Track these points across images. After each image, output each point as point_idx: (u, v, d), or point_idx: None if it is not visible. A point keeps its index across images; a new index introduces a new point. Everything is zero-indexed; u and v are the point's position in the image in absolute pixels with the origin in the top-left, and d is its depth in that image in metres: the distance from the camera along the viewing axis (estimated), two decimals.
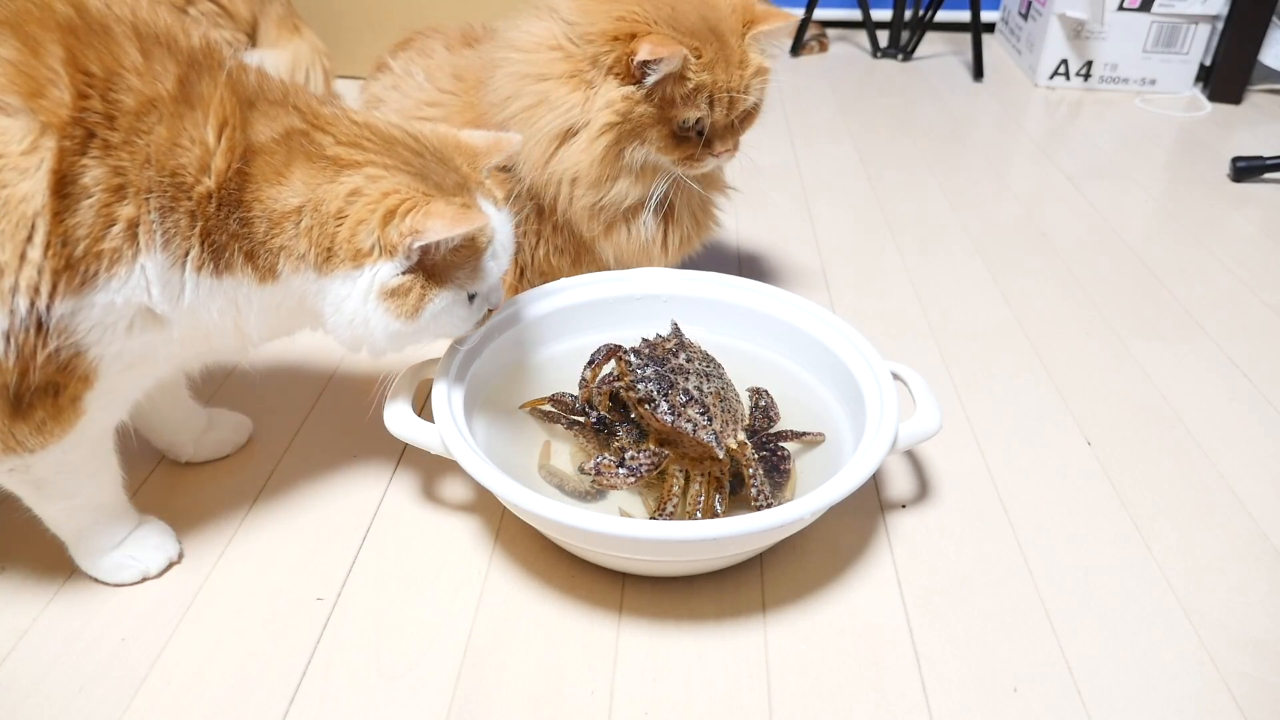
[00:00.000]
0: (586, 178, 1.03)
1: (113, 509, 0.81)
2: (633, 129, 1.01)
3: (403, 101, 1.18)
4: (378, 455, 0.98)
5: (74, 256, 0.65)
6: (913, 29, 2.51)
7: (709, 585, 0.84)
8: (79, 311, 0.66)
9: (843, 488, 0.77)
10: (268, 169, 0.71)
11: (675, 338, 0.92)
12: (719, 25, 1.01)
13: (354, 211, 0.71)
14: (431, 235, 0.71)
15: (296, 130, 0.73)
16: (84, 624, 0.79)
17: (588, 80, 1.00)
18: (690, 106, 1.01)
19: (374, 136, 0.76)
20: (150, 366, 0.75)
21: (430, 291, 0.75)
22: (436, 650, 0.77)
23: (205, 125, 0.68)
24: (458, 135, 0.83)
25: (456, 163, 0.80)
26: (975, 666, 0.77)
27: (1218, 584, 0.86)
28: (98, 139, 0.65)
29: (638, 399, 0.84)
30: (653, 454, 0.82)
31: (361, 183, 0.72)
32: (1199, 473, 1.00)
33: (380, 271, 0.73)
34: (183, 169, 0.67)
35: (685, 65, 0.98)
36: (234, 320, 0.74)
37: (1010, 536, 0.91)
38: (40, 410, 0.69)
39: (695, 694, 0.74)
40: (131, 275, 0.67)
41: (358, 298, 0.73)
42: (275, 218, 0.71)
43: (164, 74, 0.68)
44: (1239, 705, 0.74)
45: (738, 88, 1.03)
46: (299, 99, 0.75)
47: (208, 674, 0.75)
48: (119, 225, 0.66)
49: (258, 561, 0.85)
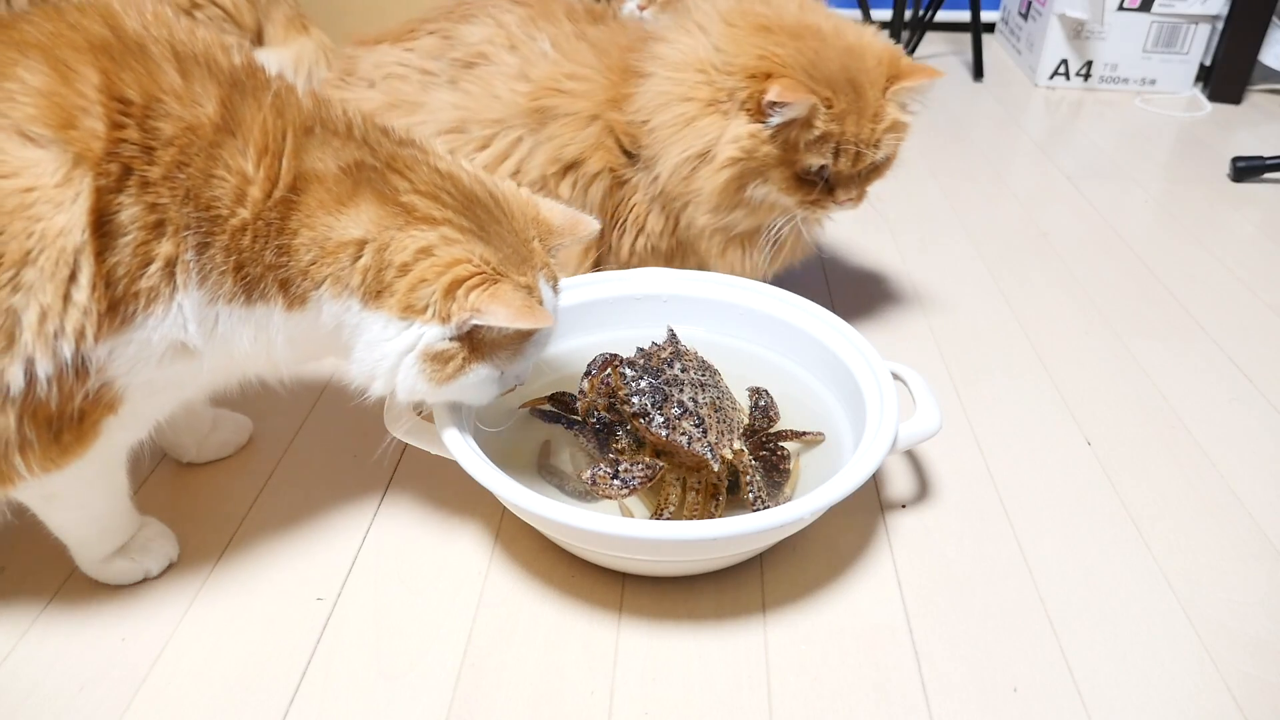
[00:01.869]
0: (708, 202, 1.05)
1: (118, 516, 0.81)
2: (756, 167, 1.02)
3: (529, 68, 1.14)
4: (378, 455, 0.98)
5: (115, 297, 0.64)
6: (913, 29, 2.51)
7: (709, 585, 0.84)
8: (116, 349, 0.66)
9: (843, 488, 0.77)
10: (326, 197, 0.68)
11: (671, 346, 0.92)
12: (859, 77, 1.01)
13: (419, 269, 0.69)
14: (491, 319, 0.70)
15: (368, 165, 0.70)
16: (84, 624, 0.79)
17: (724, 110, 1.02)
18: (815, 153, 1.01)
19: (455, 191, 0.73)
20: (176, 392, 0.75)
21: (470, 364, 0.73)
22: (436, 650, 0.77)
23: (245, 153, 0.66)
24: (537, 206, 0.80)
25: (529, 234, 0.77)
26: (975, 666, 0.77)
27: (1218, 584, 0.86)
28: (135, 175, 0.63)
29: (632, 413, 0.84)
30: (646, 466, 0.82)
31: (435, 241, 0.70)
32: (1199, 473, 1.00)
33: (428, 334, 0.71)
34: (218, 201, 0.66)
35: (813, 113, 0.98)
36: (265, 348, 0.72)
37: (1010, 536, 0.91)
38: (67, 435, 0.68)
39: (695, 694, 0.74)
40: (169, 313, 0.66)
41: (397, 348, 0.71)
42: (330, 246, 0.68)
43: (205, 97, 0.66)
44: (1239, 705, 0.74)
45: (867, 140, 1.03)
46: (370, 134, 0.73)
47: (208, 674, 0.75)
48: (156, 264, 0.64)
49: (258, 561, 0.85)
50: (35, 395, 0.64)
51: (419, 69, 1.21)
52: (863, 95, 1.01)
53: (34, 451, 0.67)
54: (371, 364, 0.73)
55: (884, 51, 1.05)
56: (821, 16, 1.06)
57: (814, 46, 1.00)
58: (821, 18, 1.06)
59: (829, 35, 1.03)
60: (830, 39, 1.02)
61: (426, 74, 1.20)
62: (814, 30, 1.03)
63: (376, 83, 1.22)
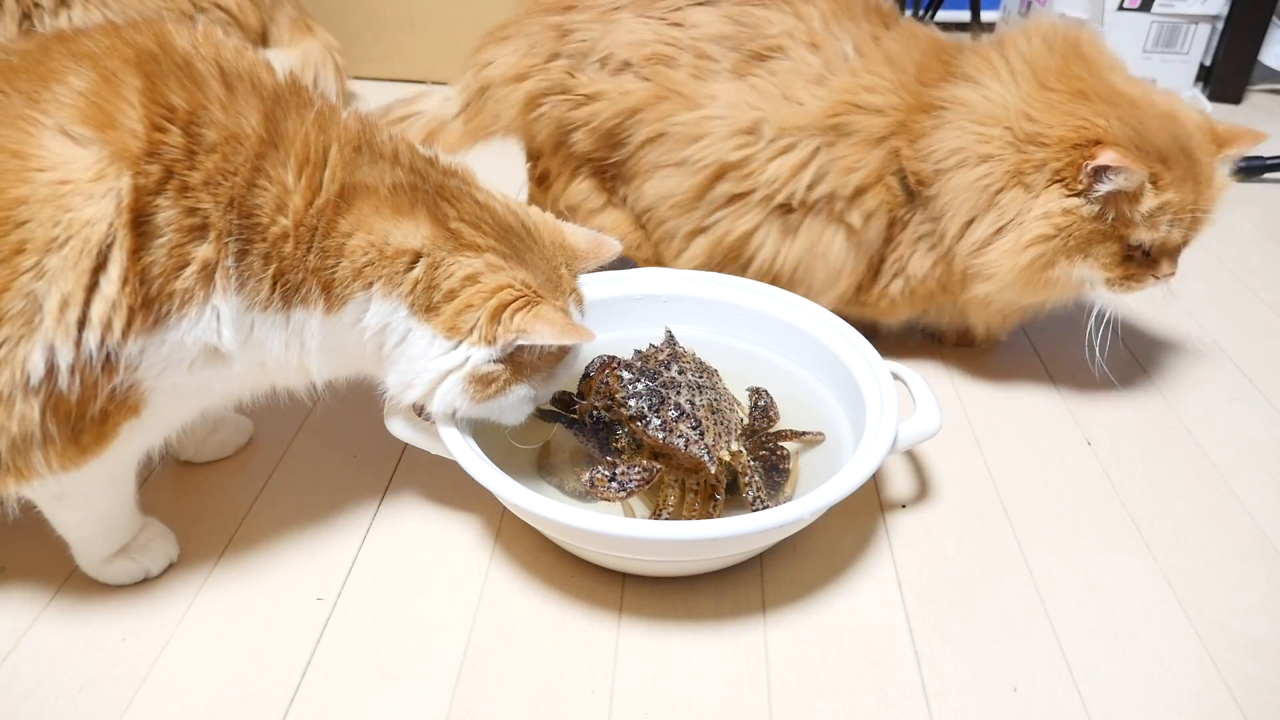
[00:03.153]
0: (1003, 279, 0.97)
1: (123, 517, 0.81)
2: (1070, 244, 0.95)
3: (829, 74, 1.02)
4: (378, 455, 0.98)
5: (149, 295, 0.65)
6: None
7: (709, 585, 0.84)
8: (149, 348, 0.67)
9: (843, 488, 0.77)
10: (383, 205, 0.71)
11: (668, 347, 0.92)
12: (1188, 142, 0.95)
13: (466, 295, 0.73)
14: (535, 339, 0.73)
15: (420, 189, 0.73)
16: (84, 624, 0.79)
17: (1027, 182, 0.95)
18: (1148, 227, 0.94)
19: (493, 220, 0.76)
20: (202, 399, 0.76)
21: (510, 385, 0.77)
22: (436, 650, 0.77)
23: (286, 165, 0.68)
24: (563, 232, 0.83)
25: (557, 260, 0.81)
26: (975, 666, 0.77)
27: (1218, 584, 0.86)
28: (175, 178, 0.65)
29: (629, 416, 0.84)
30: (643, 469, 0.82)
31: (481, 269, 0.73)
32: (1199, 473, 1.00)
33: (475, 356, 0.74)
34: (259, 209, 0.67)
35: (1143, 185, 0.92)
36: (296, 355, 0.73)
37: (1010, 536, 0.91)
38: (87, 435, 0.69)
39: (695, 694, 0.74)
40: (203, 316, 0.67)
41: (442, 366, 0.74)
42: (389, 251, 0.71)
43: (248, 110, 0.69)
44: (1239, 705, 0.74)
45: (1205, 207, 0.97)
46: (416, 162, 0.76)
47: (208, 674, 0.75)
48: (193, 266, 0.66)
49: (258, 561, 0.85)
50: (56, 386, 0.65)
51: (693, 51, 1.05)
52: (1196, 161, 0.95)
53: (54, 448, 0.68)
54: (412, 375, 0.75)
55: (1199, 117, 0.99)
56: (1131, 81, 0.99)
57: (1135, 115, 0.94)
58: (1131, 83, 0.99)
59: (1143, 102, 0.96)
60: (1146, 106, 0.96)
61: (704, 59, 1.04)
62: (1129, 98, 0.96)
63: (636, 65, 1.06)
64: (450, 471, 0.82)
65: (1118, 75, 1.00)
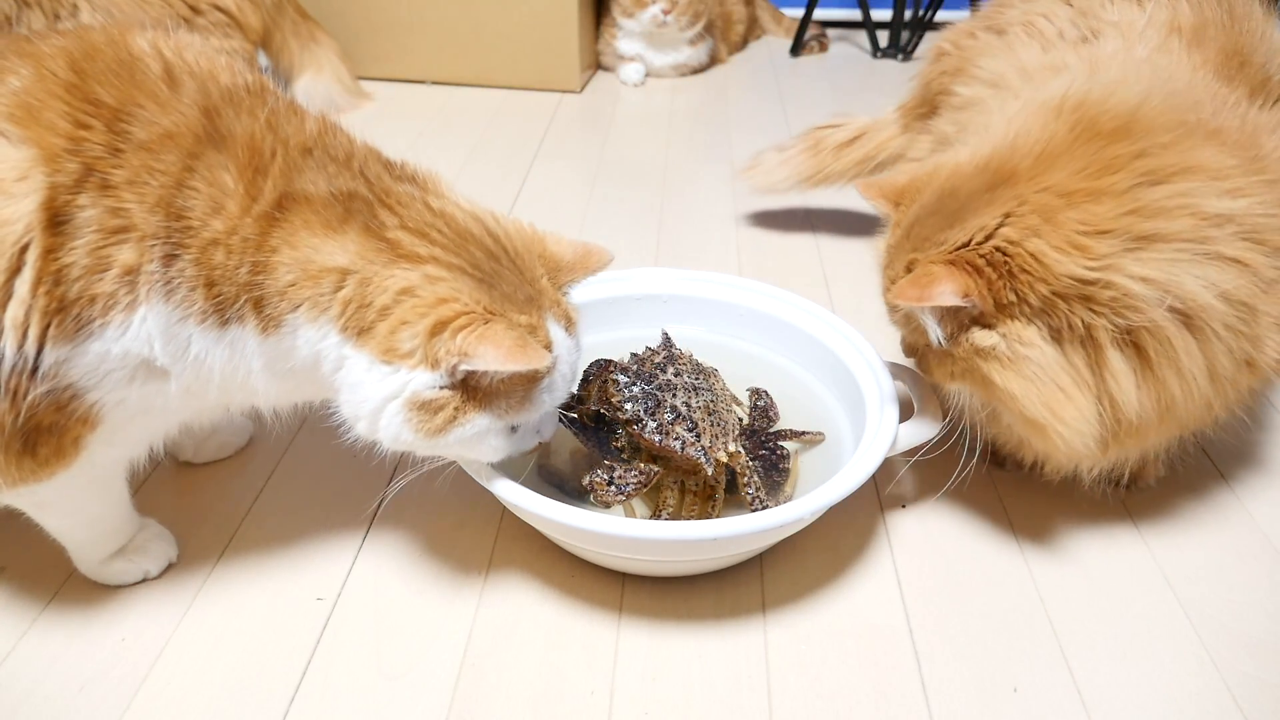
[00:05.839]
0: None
1: (114, 521, 0.80)
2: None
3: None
4: (378, 456, 0.98)
5: (67, 298, 0.61)
6: (913, 29, 2.51)
7: (709, 585, 0.84)
8: (73, 357, 0.63)
9: (843, 488, 0.77)
10: (314, 219, 0.65)
11: (664, 350, 0.92)
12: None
13: (400, 311, 0.64)
14: (480, 364, 0.64)
15: (359, 197, 0.67)
16: (84, 624, 0.79)
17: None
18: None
19: (447, 229, 0.68)
20: (167, 415, 0.72)
21: (465, 414, 0.67)
22: (436, 650, 0.77)
23: (227, 166, 0.64)
24: (544, 241, 0.75)
25: (535, 273, 0.72)
26: (975, 666, 0.77)
27: (1218, 584, 0.86)
28: (96, 175, 0.61)
29: (625, 420, 0.84)
30: (640, 472, 0.82)
31: (417, 281, 0.65)
32: (1199, 473, 1.00)
33: (415, 380, 0.65)
34: (189, 212, 0.63)
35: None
36: (243, 377, 0.68)
37: (1010, 536, 0.91)
38: (45, 449, 0.67)
39: (695, 694, 0.74)
40: (130, 325, 0.63)
41: (380, 393, 0.66)
42: (311, 270, 0.65)
43: (188, 107, 0.64)
44: (1239, 705, 0.74)
45: None
46: (369, 167, 0.69)
47: (208, 674, 0.75)
48: (114, 270, 0.62)
49: (258, 561, 0.85)
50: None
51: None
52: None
53: (9, 459, 0.65)
54: (355, 405, 0.68)
55: None
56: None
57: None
58: None
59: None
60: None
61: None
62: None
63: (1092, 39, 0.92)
64: (450, 472, 0.82)
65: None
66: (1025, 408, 0.73)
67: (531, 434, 0.76)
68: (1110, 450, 0.79)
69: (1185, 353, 0.72)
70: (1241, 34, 0.87)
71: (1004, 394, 0.74)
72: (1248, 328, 0.73)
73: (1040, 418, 0.73)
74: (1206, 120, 0.77)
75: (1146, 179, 0.71)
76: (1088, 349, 0.73)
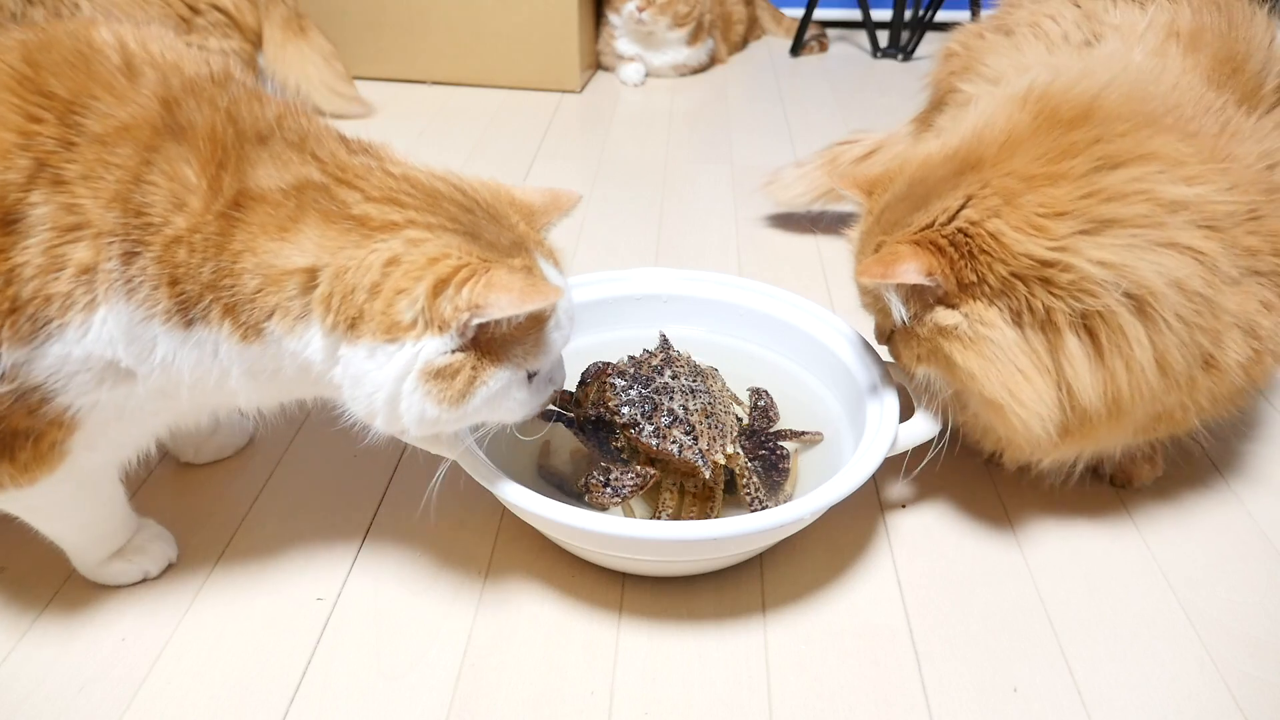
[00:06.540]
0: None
1: (110, 523, 0.80)
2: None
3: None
4: (377, 456, 0.98)
5: (20, 299, 0.59)
6: (913, 29, 2.51)
7: (709, 585, 0.84)
8: (32, 359, 0.61)
9: (843, 488, 0.77)
10: (268, 220, 0.62)
11: (662, 352, 0.92)
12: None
13: (392, 281, 0.61)
14: (496, 311, 0.61)
15: (312, 184, 0.64)
16: (84, 624, 0.79)
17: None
18: None
19: (414, 190, 0.66)
20: (148, 418, 0.71)
21: (484, 372, 0.64)
22: (436, 650, 0.77)
23: (189, 159, 0.61)
24: (510, 190, 0.73)
25: (511, 219, 0.69)
26: (975, 666, 0.77)
27: (1218, 584, 0.86)
28: (48, 170, 0.59)
29: (622, 424, 0.84)
30: (636, 474, 0.82)
31: (400, 249, 0.62)
32: (1199, 473, 1.00)
33: (424, 349, 0.62)
34: (149, 208, 0.60)
35: None
36: (217, 379, 0.66)
37: (1010, 536, 0.91)
38: (23, 453, 0.65)
39: (695, 694, 0.74)
40: (90, 326, 0.61)
41: (390, 375, 0.63)
42: (273, 275, 0.62)
43: (145, 98, 0.62)
44: (1239, 705, 0.74)
45: None
46: (321, 147, 0.66)
47: (207, 674, 0.75)
48: (69, 269, 0.60)
49: (258, 562, 0.85)
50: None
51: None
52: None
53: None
54: (364, 399, 0.65)
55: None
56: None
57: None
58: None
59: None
60: None
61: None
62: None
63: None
64: (451, 471, 0.82)
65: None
66: (984, 387, 0.75)
67: (545, 384, 0.73)
68: (1067, 443, 0.80)
69: (1136, 341, 0.73)
70: (1238, 41, 0.88)
71: (964, 374, 0.76)
72: (1204, 320, 0.74)
73: (998, 398, 0.74)
74: (1185, 121, 0.77)
75: (1103, 163, 0.73)
76: (1047, 333, 0.74)
